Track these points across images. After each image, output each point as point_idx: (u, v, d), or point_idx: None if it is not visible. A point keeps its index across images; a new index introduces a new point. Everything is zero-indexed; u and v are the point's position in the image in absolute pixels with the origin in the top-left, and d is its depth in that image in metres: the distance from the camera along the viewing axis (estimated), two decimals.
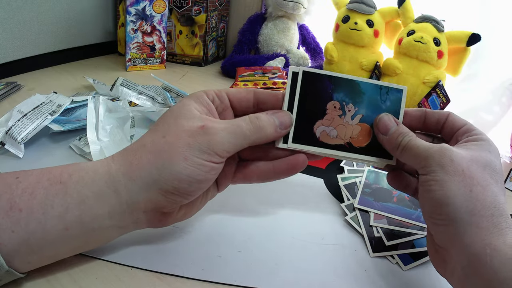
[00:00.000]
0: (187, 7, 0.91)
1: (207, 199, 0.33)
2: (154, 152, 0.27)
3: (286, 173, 0.32)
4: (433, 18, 0.71)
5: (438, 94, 0.68)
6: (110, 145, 0.45)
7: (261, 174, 0.32)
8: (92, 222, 0.26)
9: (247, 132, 0.28)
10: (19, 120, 0.44)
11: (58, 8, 0.81)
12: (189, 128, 0.27)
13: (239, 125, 0.28)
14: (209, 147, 0.27)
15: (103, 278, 0.29)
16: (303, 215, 0.39)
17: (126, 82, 0.60)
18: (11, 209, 0.25)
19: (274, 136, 0.30)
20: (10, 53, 0.72)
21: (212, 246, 0.33)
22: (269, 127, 0.29)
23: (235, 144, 0.28)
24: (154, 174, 0.26)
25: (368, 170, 0.45)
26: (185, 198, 0.28)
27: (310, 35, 0.97)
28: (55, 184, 0.26)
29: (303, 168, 0.32)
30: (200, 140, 0.27)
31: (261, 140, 0.30)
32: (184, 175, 0.26)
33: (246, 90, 0.32)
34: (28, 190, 0.26)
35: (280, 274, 0.31)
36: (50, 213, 0.25)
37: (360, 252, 0.35)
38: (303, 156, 0.32)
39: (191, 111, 0.28)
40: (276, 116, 0.30)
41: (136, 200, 0.27)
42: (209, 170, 0.27)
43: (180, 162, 0.26)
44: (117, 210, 0.27)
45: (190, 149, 0.26)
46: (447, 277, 0.27)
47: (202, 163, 0.27)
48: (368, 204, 0.40)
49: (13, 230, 0.24)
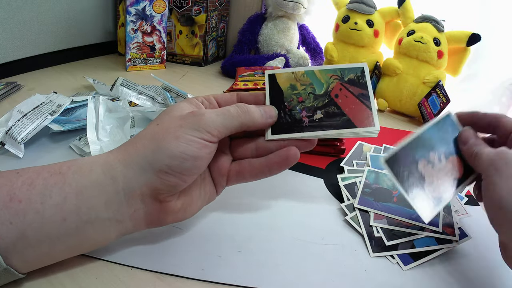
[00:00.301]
0: (187, 7, 0.91)
1: (205, 199, 0.33)
2: (149, 138, 0.29)
3: (278, 166, 0.33)
4: (433, 18, 0.71)
5: (438, 94, 0.68)
6: (110, 145, 0.45)
7: (254, 170, 0.33)
8: (89, 212, 0.27)
9: (235, 114, 0.30)
10: (19, 120, 0.44)
11: (58, 8, 0.81)
12: (181, 114, 0.30)
13: (228, 108, 0.31)
14: (200, 125, 0.28)
15: (103, 278, 0.29)
16: (303, 215, 0.39)
17: (126, 82, 0.60)
18: (11, 201, 0.25)
19: (261, 122, 0.32)
20: (10, 53, 0.73)
21: (212, 246, 0.33)
22: (256, 113, 0.32)
23: (223, 124, 0.29)
24: (149, 156, 0.28)
25: (368, 170, 0.45)
26: (180, 179, 0.28)
27: (310, 35, 0.97)
28: (55, 175, 0.27)
29: (295, 161, 0.32)
30: (191, 120, 0.29)
31: (248, 124, 0.31)
32: (177, 152, 0.27)
33: (230, 93, 0.35)
34: (27, 181, 0.26)
35: (280, 274, 0.31)
36: (48, 203, 0.25)
37: (360, 252, 0.35)
38: (294, 149, 0.32)
39: (182, 107, 0.31)
40: (261, 107, 0.33)
41: (132, 187, 0.28)
42: (201, 147, 0.28)
43: (172, 141, 0.28)
44: (114, 200, 0.27)
45: (181, 129, 0.28)
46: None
47: (193, 139, 0.28)
48: (368, 204, 0.40)
49: (11, 222, 0.24)
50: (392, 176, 0.33)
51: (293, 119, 0.34)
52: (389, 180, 0.43)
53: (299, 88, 0.35)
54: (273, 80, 0.35)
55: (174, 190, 0.29)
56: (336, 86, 0.35)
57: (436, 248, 0.35)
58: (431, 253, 0.35)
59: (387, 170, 0.33)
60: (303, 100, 0.34)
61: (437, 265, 0.34)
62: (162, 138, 0.28)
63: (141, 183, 0.28)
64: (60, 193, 0.26)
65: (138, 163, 0.28)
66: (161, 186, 0.28)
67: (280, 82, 0.35)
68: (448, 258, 0.35)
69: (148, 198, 0.28)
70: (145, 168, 0.27)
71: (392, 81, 0.74)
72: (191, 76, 0.87)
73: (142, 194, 0.28)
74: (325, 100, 0.34)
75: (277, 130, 0.33)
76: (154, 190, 0.28)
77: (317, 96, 0.34)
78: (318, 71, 0.35)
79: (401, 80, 0.73)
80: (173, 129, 0.28)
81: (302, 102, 0.34)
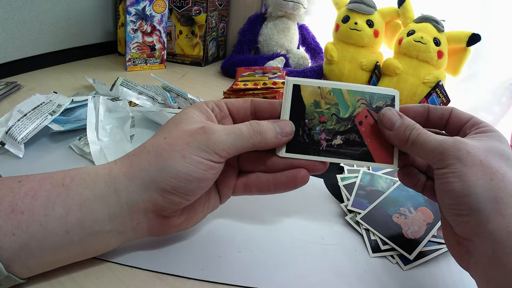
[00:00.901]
0: (187, 7, 0.91)
1: (209, 209, 0.32)
2: (154, 153, 0.27)
3: (285, 186, 0.31)
4: (433, 18, 0.71)
5: (438, 94, 0.68)
6: (110, 145, 0.45)
7: (260, 184, 0.32)
8: (92, 225, 0.26)
9: (247, 134, 0.28)
10: (19, 120, 0.44)
11: (58, 8, 0.81)
12: (189, 129, 0.28)
13: (239, 128, 0.29)
14: (208, 146, 0.27)
15: (103, 278, 0.29)
16: (303, 215, 0.39)
17: (126, 82, 0.60)
18: (13, 212, 0.25)
19: (274, 143, 0.30)
20: (10, 53, 0.73)
21: (212, 246, 0.33)
22: (270, 132, 0.29)
23: (234, 145, 0.28)
24: (153, 173, 0.27)
25: (363, 171, 0.45)
26: (183, 199, 0.28)
27: (310, 35, 0.97)
28: (57, 187, 0.26)
29: (303, 184, 0.31)
30: (199, 138, 0.27)
31: (260, 145, 0.29)
32: (182, 173, 0.26)
33: (244, 99, 0.33)
34: (30, 192, 0.26)
35: (280, 274, 0.31)
36: (51, 215, 0.25)
37: (360, 252, 0.35)
38: (304, 171, 0.31)
39: (192, 117, 0.29)
40: (278, 124, 0.30)
41: (136, 201, 0.27)
42: (207, 168, 0.27)
43: (178, 160, 0.26)
44: (117, 213, 0.27)
45: (189, 148, 0.27)
46: (471, 270, 0.27)
47: (200, 161, 0.27)
48: (362, 206, 0.39)
49: (14, 233, 0.24)
50: (369, 227, 0.36)
51: (310, 139, 0.31)
52: (384, 182, 0.43)
53: (323, 107, 0.32)
54: (297, 92, 0.32)
55: (177, 207, 0.28)
56: (362, 112, 0.32)
57: (436, 248, 0.35)
58: (431, 253, 0.35)
59: (364, 225, 0.37)
60: (325, 120, 0.32)
61: (437, 265, 0.34)
62: (168, 156, 0.27)
63: (144, 199, 0.27)
64: (64, 205, 0.26)
65: (142, 179, 0.27)
66: (164, 204, 0.27)
67: (304, 96, 0.32)
68: (448, 258, 0.35)
69: (151, 213, 0.28)
70: (148, 185, 0.27)
71: (392, 81, 0.74)
72: (191, 76, 0.87)
73: (145, 209, 0.28)
74: (347, 125, 0.32)
75: (291, 148, 0.31)
76: (157, 206, 0.28)
77: (340, 119, 0.32)
78: (346, 92, 0.32)
79: (401, 80, 0.73)
80: (180, 147, 0.27)
81: (324, 123, 0.32)
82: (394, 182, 0.42)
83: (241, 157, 0.33)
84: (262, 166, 0.32)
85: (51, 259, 0.27)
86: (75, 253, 0.27)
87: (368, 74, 0.78)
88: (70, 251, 0.27)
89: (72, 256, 0.28)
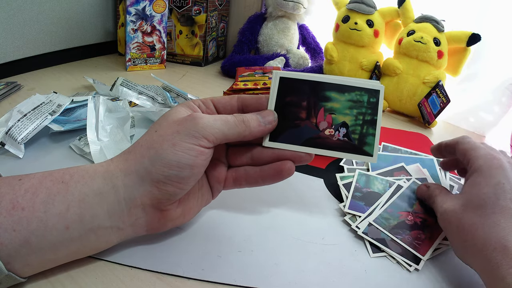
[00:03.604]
0: (187, 7, 0.91)
1: (202, 203, 0.33)
2: (147, 146, 0.29)
3: (272, 178, 0.32)
4: (433, 18, 0.71)
5: (438, 94, 0.68)
6: (110, 145, 0.45)
7: (249, 178, 0.33)
8: (92, 221, 0.27)
9: (232, 122, 0.30)
10: (19, 120, 0.44)
11: (58, 8, 0.81)
12: (178, 118, 0.29)
13: (226, 116, 0.30)
14: (197, 130, 0.28)
15: (103, 278, 0.29)
16: (303, 215, 0.39)
17: (126, 82, 0.60)
18: (14, 208, 0.25)
19: (259, 130, 0.31)
20: (10, 53, 0.73)
21: (212, 246, 0.33)
22: (253, 121, 0.31)
23: (221, 130, 0.29)
24: (147, 165, 0.28)
25: (358, 173, 0.44)
26: (177, 188, 0.28)
27: (310, 35, 0.97)
28: (57, 184, 0.27)
29: (290, 175, 0.32)
30: (188, 125, 0.28)
31: (245, 133, 0.30)
32: (174, 161, 0.27)
33: (230, 96, 0.34)
34: (30, 190, 0.26)
35: (280, 274, 0.31)
36: (51, 211, 0.26)
37: (360, 252, 0.35)
38: (289, 163, 0.32)
39: (180, 111, 0.31)
40: (260, 113, 0.32)
41: (133, 196, 0.28)
42: (197, 154, 0.28)
43: (169, 149, 0.27)
44: (116, 209, 0.28)
45: (178, 135, 0.28)
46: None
47: (190, 147, 0.28)
48: (358, 208, 0.39)
49: (15, 229, 0.25)
50: (367, 237, 0.36)
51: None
52: (379, 183, 0.43)
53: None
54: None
55: (173, 198, 0.29)
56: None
57: (436, 248, 0.35)
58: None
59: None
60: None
61: (437, 264, 0.34)
62: (160, 146, 0.28)
63: (141, 192, 0.28)
64: (63, 201, 0.26)
65: (137, 172, 0.28)
66: (159, 195, 0.28)
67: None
68: (448, 258, 0.35)
69: (148, 207, 0.29)
70: (143, 178, 0.28)
71: (392, 81, 0.74)
72: (191, 76, 0.87)
73: (143, 204, 0.28)
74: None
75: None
76: (154, 199, 0.28)
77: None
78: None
79: (401, 80, 0.73)
80: (170, 136, 0.28)
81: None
82: (390, 184, 0.42)
83: (229, 152, 0.34)
84: (249, 160, 0.33)
85: (51, 256, 0.27)
86: (75, 250, 0.28)
87: (368, 74, 0.78)
88: (70, 247, 0.27)
89: (72, 253, 0.28)
